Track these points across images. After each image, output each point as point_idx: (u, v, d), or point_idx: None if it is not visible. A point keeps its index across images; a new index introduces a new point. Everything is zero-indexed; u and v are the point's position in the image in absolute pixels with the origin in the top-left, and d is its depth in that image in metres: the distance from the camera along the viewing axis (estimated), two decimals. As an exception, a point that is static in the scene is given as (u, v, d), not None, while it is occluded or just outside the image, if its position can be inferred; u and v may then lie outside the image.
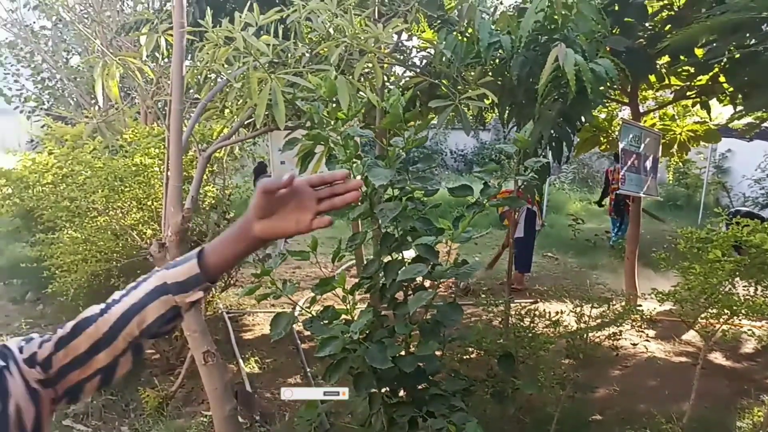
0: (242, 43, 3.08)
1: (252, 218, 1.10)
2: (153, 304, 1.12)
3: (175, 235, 3.38)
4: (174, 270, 1.12)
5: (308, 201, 1.10)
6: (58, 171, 4.36)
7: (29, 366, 1.11)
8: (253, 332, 6.45)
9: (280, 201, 1.08)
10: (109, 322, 1.11)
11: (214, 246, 1.14)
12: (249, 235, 1.11)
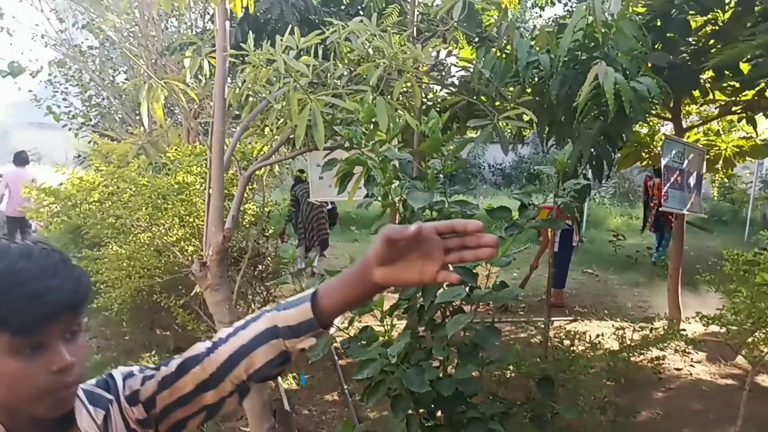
0: (283, 66, 3.13)
1: (372, 264, 1.03)
2: (262, 347, 1.08)
3: (216, 254, 3.43)
4: (285, 313, 1.09)
5: (435, 250, 1.01)
6: (104, 189, 4.48)
7: (130, 404, 1.11)
8: (291, 347, 6.49)
9: (404, 247, 1.00)
10: (216, 363, 1.09)
11: (328, 290, 1.08)
12: (368, 281, 1.04)
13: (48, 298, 0.99)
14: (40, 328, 1.00)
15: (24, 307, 0.98)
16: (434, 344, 2.94)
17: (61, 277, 1.01)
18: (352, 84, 3.69)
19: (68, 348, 1.03)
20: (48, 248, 1.06)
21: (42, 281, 1.00)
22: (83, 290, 1.04)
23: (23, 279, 0.99)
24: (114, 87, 9.13)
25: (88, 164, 9.66)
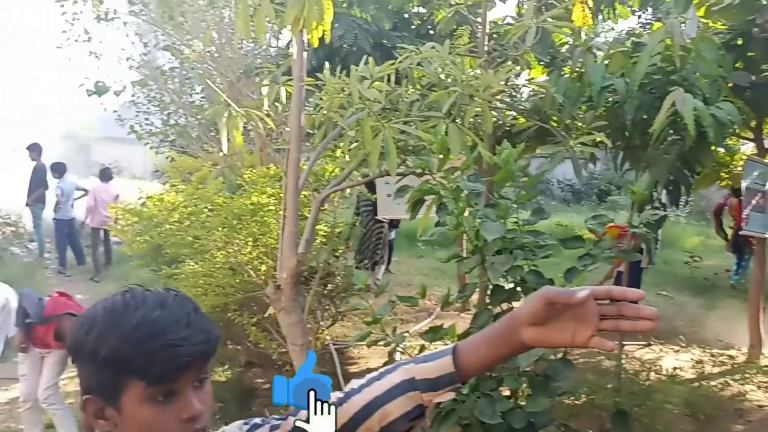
0: (357, 95, 3.21)
1: (522, 323, 1.01)
2: (398, 399, 1.06)
3: (290, 278, 3.53)
4: (424, 366, 1.07)
5: (590, 315, 0.99)
6: (183, 210, 4.66)
7: None
8: (358, 365, 6.55)
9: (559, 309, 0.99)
10: (348, 413, 1.08)
11: (471, 345, 1.07)
12: (515, 341, 1.02)
13: (182, 349, 1.03)
14: (173, 378, 1.04)
15: (160, 357, 1.02)
16: (505, 373, 2.94)
17: (194, 328, 1.05)
18: (424, 109, 3.73)
19: (197, 395, 1.06)
20: (180, 297, 1.10)
21: (176, 332, 1.03)
22: (214, 339, 1.08)
23: (159, 329, 1.03)
24: (191, 106, 9.47)
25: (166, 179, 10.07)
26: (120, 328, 1.04)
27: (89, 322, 1.08)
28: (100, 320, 1.07)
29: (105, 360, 1.05)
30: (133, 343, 1.03)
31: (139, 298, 1.08)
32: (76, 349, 1.09)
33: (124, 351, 1.03)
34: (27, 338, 4.48)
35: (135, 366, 1.03)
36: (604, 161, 19.41)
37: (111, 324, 1.05)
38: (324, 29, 3.40)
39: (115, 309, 1.07)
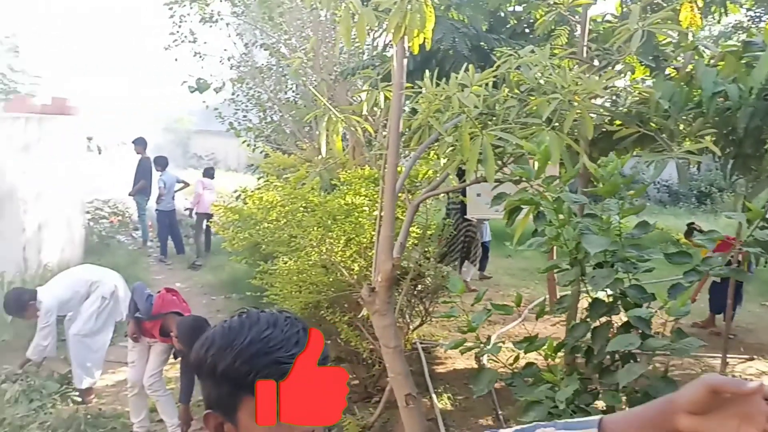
0: (457, 104, 3.20)
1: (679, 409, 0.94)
2: None
3: (384, 281, 3.57)
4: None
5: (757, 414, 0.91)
6: (281, 209, 4.80)
7: None
8: (445, 365, 6.56)
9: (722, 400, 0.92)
10: None
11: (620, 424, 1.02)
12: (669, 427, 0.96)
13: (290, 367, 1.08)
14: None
15: (270, 373, 1.07)
16: (602, 389, 2.88)
17: (302, 346, 1.10)
18: (522, 115, 3.68)
19: None
20: (291, 318, 1.16)
21: (287, 350, 1.09)
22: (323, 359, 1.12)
23: (270, 347, 1.09)
24: (286, 103, 9.72)
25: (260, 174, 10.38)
26: (235, 346, 1.10)
27: (209, 341, 1.14)
28: (218, 339, 1.13)
29: (222, 376, 1.11)
30: (246, 359, 1.09)
31: (254, 317, 1.14)
32: (198, 367, 1.15)
33: (238, 367, 1.09)
34: (137, 329, 4.76)
35: (247, 382, 1.08)
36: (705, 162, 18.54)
37: (227, 342, 1.11)
38: (425, 36, 3.41)
39: (232, 328, 1.14)
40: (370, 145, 5.11)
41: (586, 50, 4.52)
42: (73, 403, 5.14)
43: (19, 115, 8.45)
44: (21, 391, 4.94)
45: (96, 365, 5.49)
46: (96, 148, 11.22)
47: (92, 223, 11.46)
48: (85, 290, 5.41)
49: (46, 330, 5.17)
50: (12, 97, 10.58)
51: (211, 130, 26.84)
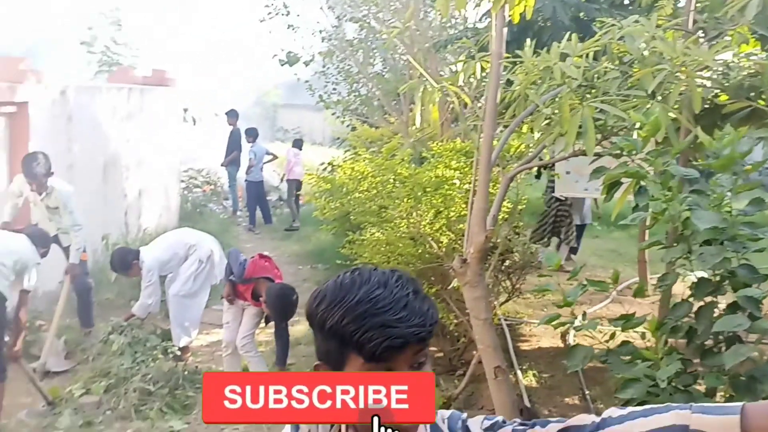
0: (559, 74, 3.13)
1: None
2: None
3: (476, 252, 3.56)
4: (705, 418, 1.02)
5: None
6: (372, 179, 4.86)
7: None
8: (529, 343, 6.50)
9: None
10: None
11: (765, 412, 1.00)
12: None
13: (397, 330, 1.08)
14: (387, 357, 1.09)
15: (375, 336, 1.08)
16: (704, 370, 2.79)
17: (410, 310, 1.10)
18: (624, 88, 3.56)
19: None
20: (404, 278, 1.15)
21: (393, 313, 1.09)
22: (430, 324, 1.11)
23: (377, 308, 1.09)
24: (376, 77, 9.76)
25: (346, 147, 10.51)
26: (344, 303, 1.12)
27: (321, 295, 1.16)
28: (329, 294, 1.15)
29: (330, 332, 1.13)
30: (353, 318, 1.10)
31: (365, 276, 1.15)
32: (309, 319, 1.18)
33: (345, 325, 1.11)
34: (231, 292, 4.97)
35: (353, 341, 1.10)
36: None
37: (337, 298, 1.13)
38: (527, 4, 3.35)
39: (343, 285, 1.15)
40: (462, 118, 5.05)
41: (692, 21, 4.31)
42: (172, 359, 5.42)
43: (122, 86, 8.86)
44: (127, 343, 5.26)
45: (193, 325, 5.76)
46: (191, 119, 11.62)
47: (186, 192, 11.94)
48: (184, 252, 5.68)
49: (150, 289, 5.48)
50: (115, 69, 11.09)
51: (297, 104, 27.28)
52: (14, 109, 6.23)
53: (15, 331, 4.55)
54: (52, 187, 5.64)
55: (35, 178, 5.46)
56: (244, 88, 26.71)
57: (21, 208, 5.87)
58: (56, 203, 5.68)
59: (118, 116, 8.45)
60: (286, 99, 29.33)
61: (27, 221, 5.78)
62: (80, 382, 5.03)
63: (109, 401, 4.78)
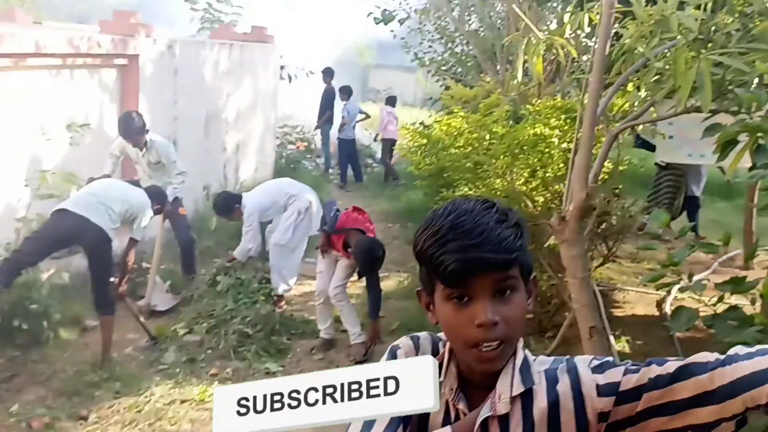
0: (675, 24, 2.98)
1: None
2: None
3: (576, 209, 3.49)
4: None
5: None
6: (468, 135, 4.81)
7: (599, 394, 1.11)
8: (623, 310, 6.34)
9: None
10: (730, 377, 1.00)
11: None
12: None
13: (468, 255, 1.07)
14: (462, 282, 1.09)
15: (448, 259, 1.07)
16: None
17: (487, 235, 1.08)
18: (744, 41, 3.35)
19: (495, 306, 1.09)
20: (494, 206, 1.13)
21: (470, 237, 1.07)
22: (505, 250, 1.08)
23: (456, 233, 1.08)
24: (473, 34, 9.57)
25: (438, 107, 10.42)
26: (430, 229, 1.12)
27: (421, 224, 1.17)
28: (424, 223, 1.16)
29: (419, 258, 1.15)
30: (433, 242, 1.10)
31: (457, 204, 1.15)
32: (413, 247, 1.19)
33: (427, 249, 1.11)
34: (326, 242, 5.09)
35: (433, 265, 1.10)
36: None
37: (426, 225, 1.14)
38: (642, -49, 3.18)
39: (435, 213, 1.15)
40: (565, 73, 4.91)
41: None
42: (269, 304, 5.64)
43: (224, 42, 9.10)
44: (230, 284, 5.51)
45: (290, 274, 5.96)
46: (287, 76, 11.82)
47: (281, 148, 12.22)
48: (284, 201, 5.86)
49: (251, 233, 5.71)
50: (217, 26, 11.38)
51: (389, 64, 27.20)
52: (125, 61, 6.52)
53: (121, 273, 4.83)
54: (152, 141, 5.88)
55: (131, 137, 5.69)
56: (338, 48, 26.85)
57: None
58: (157, 158, 5.93)
59: (220, 71, 8.71)
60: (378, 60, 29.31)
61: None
62: (184, 322, 5.33)
63: (210, 341, 5.04)
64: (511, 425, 1.13)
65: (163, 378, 4.49)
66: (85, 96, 5.94)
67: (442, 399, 1.18)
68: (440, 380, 1.19)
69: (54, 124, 5.22)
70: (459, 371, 1.19)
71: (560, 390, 1.14)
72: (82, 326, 5.16)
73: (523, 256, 1.13)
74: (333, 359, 5.00)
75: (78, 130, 5.29)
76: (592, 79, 3.39)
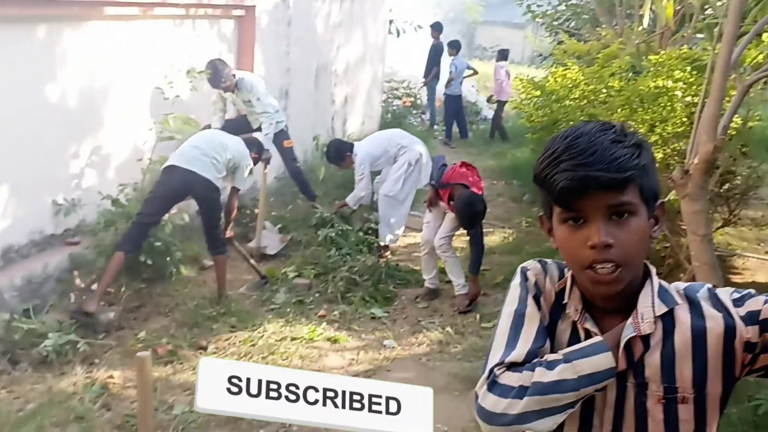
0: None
1: None
2: None
3: (702, 163, 3.32)
4: None
5: None
6: (585, 87, 4.64)
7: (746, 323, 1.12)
8: (742, 276, 6.01)
9: None
10: None
11: None
12: None
13: (578, 173, 1.06)
14: (574, 203, 1.09)
15: (560, 179, 1.08)
16: None
17: (597, 156, 1.06)
18: None
19: (609, 229, 1.08)
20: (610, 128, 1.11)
21: (583, 157, 1.06)
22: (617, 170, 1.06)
23: (570, 154, 1.08)
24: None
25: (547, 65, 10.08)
26: (547, 152, 1.13)
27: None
28: (544, 147, 1.16)
29: (537, 181, 1.16)
30: (548, 164, 1.11)
31: (577, 127, 1.14)
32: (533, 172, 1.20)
33: (542, 171, 1.12)
34: (433, 196, 5.13)
35: (547, 185, 1.11)
36: None
37: (546, 149, 1.14)
38: None
39: (555, 138, 1.15)
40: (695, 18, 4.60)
41: None
42: (375, 255, 5.76)
43: (336, -7, 9.15)
44: (334, 234, 5.66)
45: (398, 224, 6.04)
46: (395, 30, 11.76)
47: (387, 103, 12.26)
48: (394, 152, 5.91)
49: (363, 182, 5.82)
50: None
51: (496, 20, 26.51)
52: (243, 12, 6.69)
53: (226, 220, 5.02)
54: (240, 80, 6.00)
55: (219, 84, 5.82)
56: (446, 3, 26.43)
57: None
58: (247, 95, 6.06)
59: (331, 23, 8.78)
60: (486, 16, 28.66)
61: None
62: (293, 266, 5.53)
63: (318, 285, 5.22)
64: (652, 345, 1.14)
65: (275, 316, 4.70)
66: (205, 46, 6.16)
67: (567, 320, 1.20)
68: (564, 302, 1.22)
69: (176, 72, 5.47)
70: (582, 295, 1.20)
71: (706, 314, 1.14)
72: (200, 265, 5.45)
73: (643, 178, 1.10)
74: (437, 308, 5.06)
75: (197, 75, 5.51)
76: (728, 24, 3.17)
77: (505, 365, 1.16)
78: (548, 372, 1.12)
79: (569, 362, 1.12)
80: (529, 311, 1.21)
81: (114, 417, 3.41)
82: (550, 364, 1.13)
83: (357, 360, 4.22)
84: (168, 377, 3.84)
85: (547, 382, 1.11)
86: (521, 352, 1.16)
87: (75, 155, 4.79)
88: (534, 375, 1.12)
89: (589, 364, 1.11)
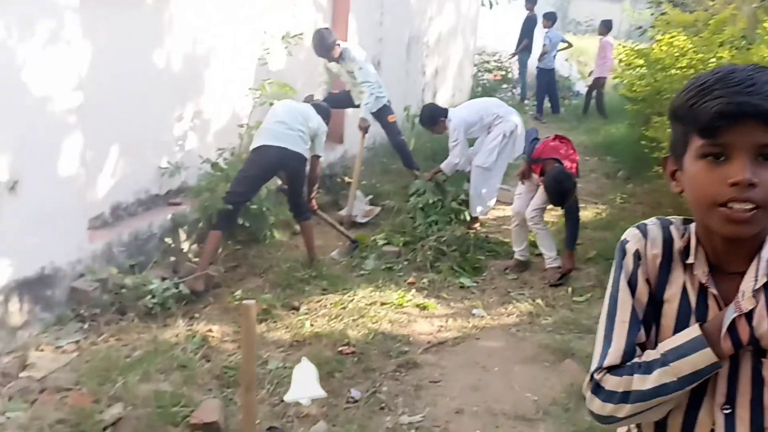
0: None
1: None
2: None
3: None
4: None
5: None
6: (693, 56, 4.41)
7: None
8: None
9: None
10: None
11: None
12: None
13: (735, 99, 1.00)
14: (721, 134, 1.02)
15: (708, 104, 1.02)
16: None
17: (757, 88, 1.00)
18: None
19: (755, 168, 1.01)
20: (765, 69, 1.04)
21: (737, 87, 1.00)
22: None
23: (725, 82, 1.02)
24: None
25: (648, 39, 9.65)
26: (695, 83, 1.07)
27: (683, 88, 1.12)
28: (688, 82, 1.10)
29: (676, 114, 1.10)
30: (697, 93, 1.05)
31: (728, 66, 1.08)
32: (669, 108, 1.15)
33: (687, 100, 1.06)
34: (526, 169, 5.06)
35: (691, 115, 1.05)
36: None
37: (691, 83, 1.08)
38: None
39: (700, 75, 1.09)
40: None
41: None
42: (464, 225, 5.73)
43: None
44: (424, 204, 5.66)
45: (490, 196, 5.98)
46: (488, 2, 11.53)
47: (477, 76, 12.08)
48: (489, 120, 5.82)
49: (457, 148, 5.76)
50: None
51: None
52: (338, -19, 6.74)
53: (309, 189, 5.08)
54: (345, 50, 6.04)
55: (325, 53, 5.89)
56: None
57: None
58: (351, 65, 6.10)
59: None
60: (581, -11, 27.64)
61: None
62: (383, 234, 5.58)
63: (407, 253, 5.25)
64: (755, 319, 1.09)
65: (365, 282, 4.77)
66: (301, 14, 6.24)
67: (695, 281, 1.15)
68: (691, 262, 1.16)
69: (272, 39, 5.57)
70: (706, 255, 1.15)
71: None
72: (293, 230, 5.58)
73: None
74: (527, 280, 5.00)
75: (291, 41, 5.60)
76: None
77: (604, 369, 1.17)
78: (647, 378, 1.11)
79: (667, 365, 1.10)
80: (621, 297, 1.19)
81: (213, 368, 3.56)
82: (648, 367, 1.12)
83: (446, 327, 4.23)
84: (262, 334, 3.98)
85: (647, 390, 1.11)
86: (618, 351, 1.16)
87: (179, 119, 4.97)
88: (633, 382, 1.12)
89: (689, 364, 1.09)
